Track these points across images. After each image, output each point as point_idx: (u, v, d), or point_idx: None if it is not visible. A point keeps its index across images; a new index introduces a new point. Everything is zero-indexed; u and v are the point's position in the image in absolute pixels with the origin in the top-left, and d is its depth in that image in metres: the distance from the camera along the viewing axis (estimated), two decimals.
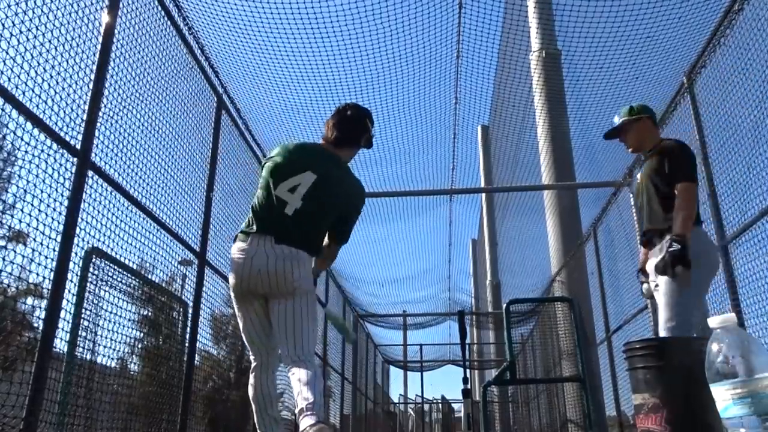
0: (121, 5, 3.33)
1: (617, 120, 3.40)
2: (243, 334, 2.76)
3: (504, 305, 3.97)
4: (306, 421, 2.21)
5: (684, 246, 2.82)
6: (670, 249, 2.85)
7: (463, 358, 4.94)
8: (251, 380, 2.73)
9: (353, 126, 2.88)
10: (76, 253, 2.90)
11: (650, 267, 3.16)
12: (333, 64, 5.25)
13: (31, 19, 2.64)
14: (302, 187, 2.65)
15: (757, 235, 3.76)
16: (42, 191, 2.66)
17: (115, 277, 3.49)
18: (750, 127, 3.81)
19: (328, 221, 2.79)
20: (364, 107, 2.98)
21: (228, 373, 6.18)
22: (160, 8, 3.97)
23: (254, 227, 2.66)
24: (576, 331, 3.84)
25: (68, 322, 2.93)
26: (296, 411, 2.31)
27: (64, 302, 2.77)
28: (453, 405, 22.41)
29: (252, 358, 2.76)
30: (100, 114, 3.08)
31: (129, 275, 3.67)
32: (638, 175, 3.35)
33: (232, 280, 2.68)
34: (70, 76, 2.93)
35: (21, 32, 2.58)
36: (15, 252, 2.53)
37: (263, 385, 2.71)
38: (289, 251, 2.60)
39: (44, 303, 2.69)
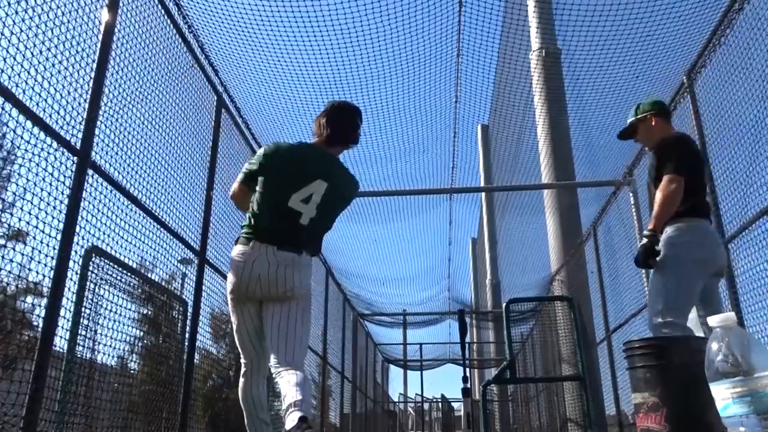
0: (121, 3, 3.33)
1: (628, 122, 3.36)
2: (236, 337, 2.74)
3: (504, 304, 3.97)
4: (293, 416, 2.19)
5: (651, 241, 2.88)
6: (639, 243, 2.96)
7: (462, 357, 4.95)
8: (241, 383, 2.71)
9: (346, 125, 2.87)
10: (75, 252, 2.90)
11: None
12: (333, 62, 5.25)
13: (31, 18, 2.64)
14: (316, 196, 2.68)
15: (758, 235, 3.75)
16: (42, 190, 2.66)
17: (114, 275, 3.49)
18: (750, 126, 3.81)
19: (334, 220, 2.88)
20: (354, 105, 2.96)
21: (228, 371, 6.19)
22: (159, 7, 3.97)
23: (259, 233, 2.64)
24: (576, 330, 3.84)
25: (68, 320, 2.93)
26: (284, 408, 2.31)
27: (64, 301, 2.77)
28: (453, 404, 22.43)
29: (243, 361, 2.73)
30: (100, 113, 3.08)
31: (129, 274, 3.67)
32: None
33: (230, 282, 2.66)
34: (71, 75, 2.93)
35: (21, 30, 2.58)
36: (15, 250, 2.53)
37: (253, 388, 2.70)
38: (291, 258, 2.61)
39: (44, 301, 2.69)
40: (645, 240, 2.91)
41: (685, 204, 2.94)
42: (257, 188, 2.73)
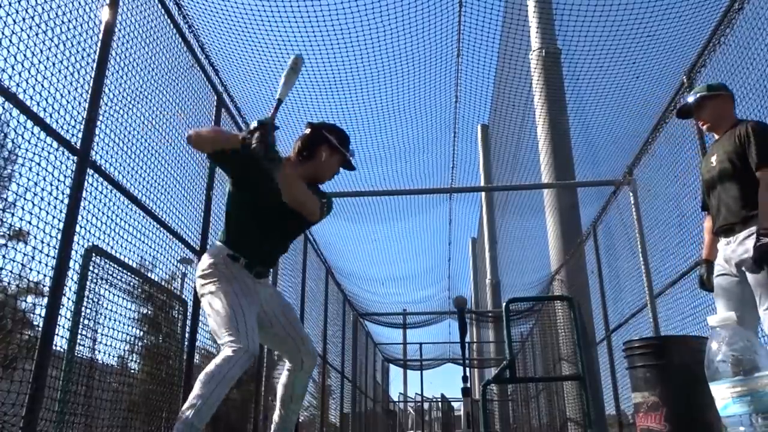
0: (121, 3, 3.33)
1: (692, 98, 3.17)
2: None
3: (504, 304, 3.97)
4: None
5: None
6: (758, 244, 2.64)
7: (462, 357, 4.94)
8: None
9: None
10: (76, 251, 2.90)
11: (728, 256, 2.90)
12: (333, 62, 5.25)
13: (32, 17, 2.64)
14: None
15: None
16: (42, 189, 2.66)
17: (114, 275, 3.50)
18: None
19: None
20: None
21: None
22: (160, 6, 3.97)
23: None
24: (576, 330, 3.84)
25: (68, 320, 2.93)
26: None
27: (64, 300, 2.77)
28: (453, 403, 22.44)
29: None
30: (100, 112, 3.09)
31: (129, 273, 3.67)
32: (712, 158, 3.06)
33: None
34: (71, 74, 2.93)
35: (22, 30, 2.58)
36: (15, 250, 2.53)
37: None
38: None
39: (44, 301, 2.69)
40: (765, 240, 2.62)
41: None
42: None
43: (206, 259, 2.61)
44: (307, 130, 2.77)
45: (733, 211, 2.89)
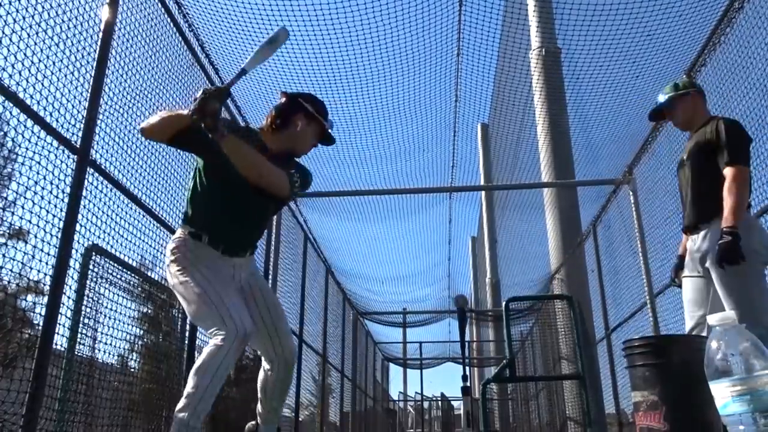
0: (120, 2, 3.33)
1: (662, 98, 3.16)
2: None
3: (503, 303, 3.97)
4: None
5: (734, 237, 2.62)
6: (720, 242, 2.66)
7: (462, 356, 4.95)
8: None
9: None
10: (76, 250, 2.90)
11: (693, 255, 2.94)
12: (333, 61, 5.24)
13: (32, 16, 2.64)
14: None
15: None
16: (43, 188, 2.66)
17: (115, 274, 3.50)
18: (751, 124, 3.81)
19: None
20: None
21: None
22: (159, 5, 3.97)
23: None
24: (575, 329, 3.84)
25: (68, 318, 2.94)
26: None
27: (64, 299, 2.77)
28: (452, 402, 22.46)
29: None
30: (100, 111, 3.09)
31: (129, 272, 3.67)
32: (684, 156, 3.09)
33: None
34: (71, 73, 2.93)
35: (22, 29, 2.58)
36: (16, 249, 2.54)
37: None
38: None
39: (44, 300, 2.69)
40: (729, 237, 2.63)
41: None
42: None
43: (169, 246, 2.43)
44: (282, 99, 2.62)
45: (698, 208, 2.93)
